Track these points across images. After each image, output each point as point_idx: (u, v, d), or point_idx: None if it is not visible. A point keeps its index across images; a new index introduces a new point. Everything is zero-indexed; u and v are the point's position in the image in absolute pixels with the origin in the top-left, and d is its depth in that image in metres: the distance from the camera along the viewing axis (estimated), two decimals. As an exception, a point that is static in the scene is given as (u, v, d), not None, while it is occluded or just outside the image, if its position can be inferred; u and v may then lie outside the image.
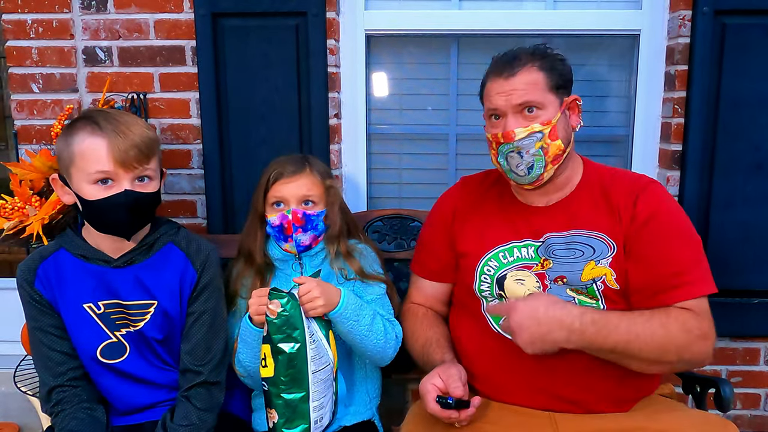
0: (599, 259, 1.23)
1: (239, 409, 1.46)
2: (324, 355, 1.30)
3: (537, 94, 1.22)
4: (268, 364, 1.26)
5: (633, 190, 1.26)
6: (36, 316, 1.28)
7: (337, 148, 1.85)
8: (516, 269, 1.29)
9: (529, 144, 1.22)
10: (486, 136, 1.31)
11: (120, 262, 1.29)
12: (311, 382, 1.27)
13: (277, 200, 1.40)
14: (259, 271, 1.44)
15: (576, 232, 1.26)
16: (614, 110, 1.94)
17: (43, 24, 1.77)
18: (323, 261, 1.46)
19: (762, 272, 1.80)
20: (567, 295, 1.25)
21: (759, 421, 1.95)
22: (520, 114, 1.23)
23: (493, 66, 1.29)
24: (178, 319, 1.32)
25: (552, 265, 1.26)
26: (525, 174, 1.24)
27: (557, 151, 1.23)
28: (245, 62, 1.77)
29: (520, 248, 1.30)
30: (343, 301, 1.31)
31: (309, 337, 1.26)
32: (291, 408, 1.27)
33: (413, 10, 1.90)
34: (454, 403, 1.18)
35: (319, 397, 1.29)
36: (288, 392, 1.26)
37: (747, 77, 1.73)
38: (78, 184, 1.21)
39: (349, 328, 1.32)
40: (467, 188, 1.46)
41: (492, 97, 1.26)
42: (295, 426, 1.28)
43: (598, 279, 1.23)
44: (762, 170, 1.76)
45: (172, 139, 1.83)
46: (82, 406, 1.28)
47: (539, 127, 1.22)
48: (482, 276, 1.33)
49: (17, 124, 1.82)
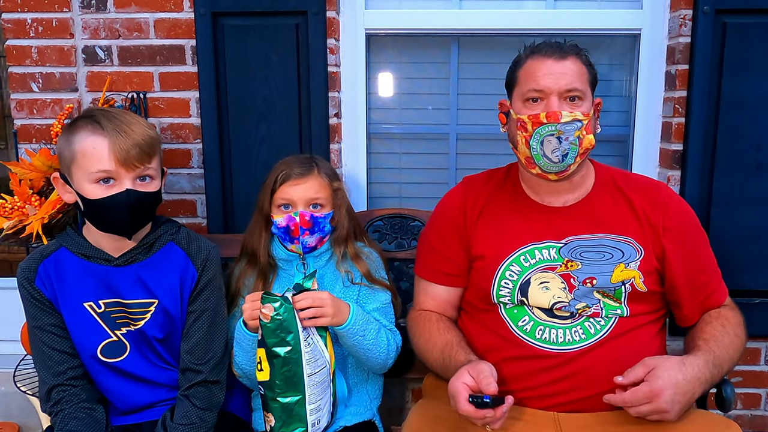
0: (628, 262, 1.25)
1: (239, 409, 1.46)
2: (320, 358, 1.29)
3: (582, 84, 1.23)
4: (263, 368, 1.25)
5: (658, 199, 1.30)
6: (36, 315, 1.28)
7: (337, 148, 1.85)
8: (539, 271, 1.27)
9: (570, 130, 1.21)
10: (517, 118, 1.26)
11: (120, 261, 1.29)
12: (307, 385, 1.26)
13: (284, 202, 1.39)
14: (262, 271, 1.43)
15: (603, 236, 1.27)
16: (615, 110, 1.94)
17: (42, 23, 1.77)
18: (328, 262, 1.45)
19: (762, 272, 1.80)
20: (593, 297, 1.25)
21: (759, 421, 1.95)
22: (563, 100, 1.22)
23: (539, 48, 1.26)
24: (179, 318, 1.32)
25: (581, 267, 1.26)
26: (558, 161, 1.22)
27: (588, 145, 1.24)
28: (245, 61, 1.77)
29: (541, 249, 1.28)
30: (352, 317, 1.31)
31: (304, 341, 1.25)
32: (287, 411, 1.26)
33: (413, 9, 1.89)
34: (491, 401, 1.09)
35: (316, 400, 1.28)
36: (284, 396, 1.26)
37: (748, 77, 1.72)
38: (79, 183, 1.21)
39: (354, 342, 1.33)
40: (473, 187, 1.42)
41: (539, 78, 1.22)
42: (292, 429, 1.27)
43: (627, 281, 1.24)
44: (762, 170, 1.76)
45: (172, 139, 1.82)
46: (82, 405, 1.28)
47: (581, 116, 1.21)
48: (502, 281, 1.29)
49: (17, 123, 1.82)
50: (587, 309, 1.25)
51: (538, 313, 1.27)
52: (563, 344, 1.25)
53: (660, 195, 1.31)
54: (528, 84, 1.25)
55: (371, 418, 1.46)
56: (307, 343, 1.26)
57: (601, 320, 1.26)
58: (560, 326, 1.26)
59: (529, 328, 1.27)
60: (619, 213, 1.29)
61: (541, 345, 1.25)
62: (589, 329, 1.25)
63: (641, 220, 1.28)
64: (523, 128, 1.25)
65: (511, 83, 1.32)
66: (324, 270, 1.45)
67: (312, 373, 1.26)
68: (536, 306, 1.27)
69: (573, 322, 1.26)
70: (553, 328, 1.26)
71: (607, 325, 1.25)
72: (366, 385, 1.49)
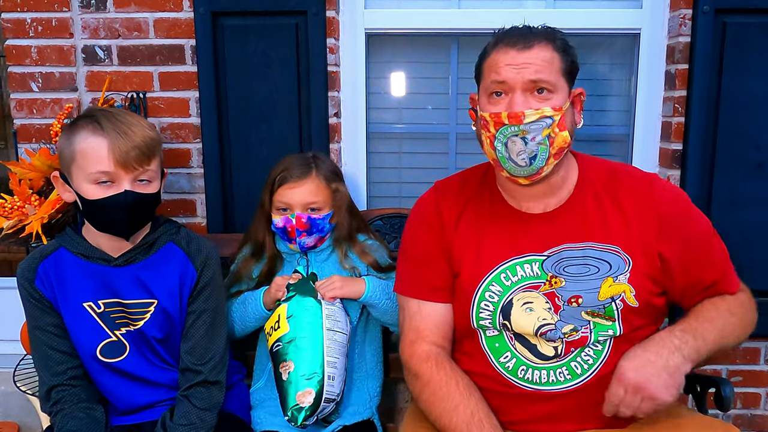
0: (617, 275, 1.12)
1: (238, 409, 1.46)
2: (341, 321, 1.38)
3: (551, 74, 1.08)
4: (281, 325, 1.34)
5: (649, 196, 1.16)
6: (36, 315, 1.28)
7: (337, 147, 1.85)
8: (521, 291, 1.15)
9: (537, 129, 1.07)
10: (480, 116, 1.13)
11: (120, 261, 1.29)
12: (325, 337, 1.33)
13: (282, 205, 1.42)
14: (271, 260, 1.49)
15: (587, 245, 1.14)
16: (614, 109, 1.94)
17: (42, 23, 1.77)
18: (329, 256, 1.48)
19: (762, 272, 1.79)
20: (582, 318, 1.13)
21: (759, 421, 1.95)
22: (530, 93, 1.08)
23: (502, 37, 1.12)
24: (178, 318, 1.32)
25: (564, 284, 1.13)
26: (525, 164, 1.09)
27: (563, 144, 1.10)
28: (245, 61, 1.77)
29: (523, 265, 1.16)
30: (369, 285, 1.40)
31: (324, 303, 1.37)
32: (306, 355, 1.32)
33: (413, 9, 1.89)
34: None
35: (332, 354, 1.34)
36: (303, 341, 1.33)
37: (747, 76, 1.72)
38: (78, 183, 1.21)
39: (384, 305, 1.41)
40: (448, 194, 1.27)
41: (500, 69, 1.09)
42: (311, 374, 1.30)
43: (617, 297, 1.12)
44: (762, 169, 1.76)
45: (172, 138, 1.82)
46: (81, 405, 1.28)
47: (550, 111, 1.07)
48: (482, 303, 1.17)
49: (16, 123, 1.81)
50: (575, 333, 1.14)
51: (521, 350, 1.17)
52: (548, 384, 1.16)
53: (652, 191, 1.16)
54: (491, 76, 1.11)
55: (370, 417, 1.46)
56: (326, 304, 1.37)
57: (589, 355, 1.15)
58: (544, 367, 1.15)
59: (511, 366, 1.17)
60: (604, 217, 1.15)
61: (525, 385, 1.17)
62: (575, 369, 1.15)
63: (629, 223, 1.14)
64: (485, 128, 1.12)
65: (478, 77, 1.18)
66: (325, 264, 1.48)
67: (331, 328, 1.35)
68: (520, 331, 1.16)
69: (558, 362, 1.15)
70: (537, 369, 1.16)
71: (598, 359, 1.15)
72: (366, 382, 1.50)
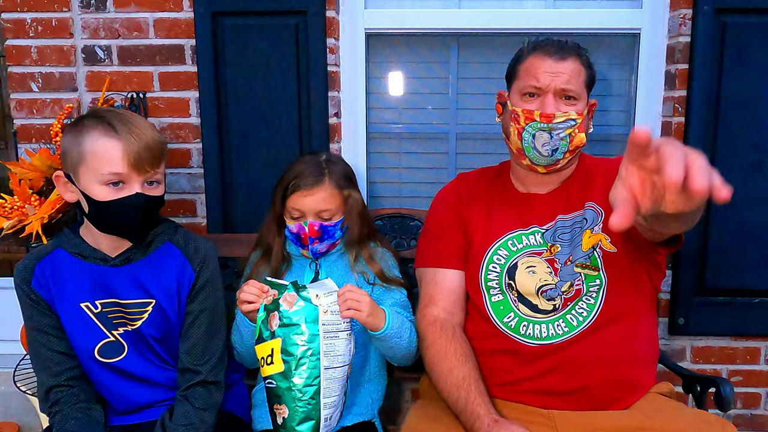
0: (593, 227, 1.29)
1: (238, 409, 1.46)
2: (342, 353, 1.24)
3: (578, 85, 1.28)
4: (275, 361, 1.21)
5: (615, 160, 1.35)
6: (33, 316, 1.27)
7: (336, 147, 1.85)
8: (526, 256, 1.32)
9: (563, 128, 1.26)
10: (512, 110, 1.31)
11: (117, 261, 1.28)
12: (323, 378, 1.21)
13: (295, 213, 1.42)
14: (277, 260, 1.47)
15: (577, 212, 1.32)
16: (614, 109, 1.94)
17: (42, 23, 1.77)
18: (338, 260, 1.48)
19: (762, 271, 1.79)
20: (574, 272, 1.28)
21: (759, 421, 1.95)
22: (559, 98, 1.27)
23: (540, 46, 1.30)
24: (176, 318, 1.32)
25: (560, 249, 1.31)
26: (548, 155, 1.28)
27: (579, 143, 1.29)
28: (245, 61, 1.77)
29: (528, 235, 1.34)
30: (389, 321, 1.28)
31: (323, 333, 1.21)
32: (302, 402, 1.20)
33: (413, 9, 1.89)
34: None
35: (330, 395, 1.23)
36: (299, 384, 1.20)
37: (747, 76, 1.72)
38: (86, 184, 1.20)
39: (392, 344, 1.32)
40: (466, 182, 1.49)
41: (539, 74, 1.27)
42: (305, 421, 1.21)
43: (596, 245, 1.28)
44: (762, 169, 1.76)
45: (172, 138, 1.82)
46: (80, 406, 1.27)
47: (574, 115, 1.27)
48: (490, 265, 1.34)
49: (16, 123, 1.82)
50: (571, 288, 1.28)
51: (523, 309, 1.31)
52: (547, 338, 1.27)
53: (617, 158, 1.35)
54: (527, 80, 1.29)
55: (371, 418, 1.46)
56: (326, 335, 1.22)
57: (583, 308, 1.28)
58: (543, 321, 1.29)
59: (513, 324, 1.31)
60: (587, 185, 1.34)
61: (526, 341, 1.29)
62: (572, 321, 1.27)
63: (608, 184, 1.23)
64: (516, 120, 1.30)
65: (511, 76, 1.36)
66: (335, 266, 1.48)
67: (329, 367, 1.22)
68: (522, 291, 1.30)
69: (556, 315, 1.28)
70: (537, 323, 1.29)
71: (591, 311, 1.27)
72: (369, 384, 1.49)
